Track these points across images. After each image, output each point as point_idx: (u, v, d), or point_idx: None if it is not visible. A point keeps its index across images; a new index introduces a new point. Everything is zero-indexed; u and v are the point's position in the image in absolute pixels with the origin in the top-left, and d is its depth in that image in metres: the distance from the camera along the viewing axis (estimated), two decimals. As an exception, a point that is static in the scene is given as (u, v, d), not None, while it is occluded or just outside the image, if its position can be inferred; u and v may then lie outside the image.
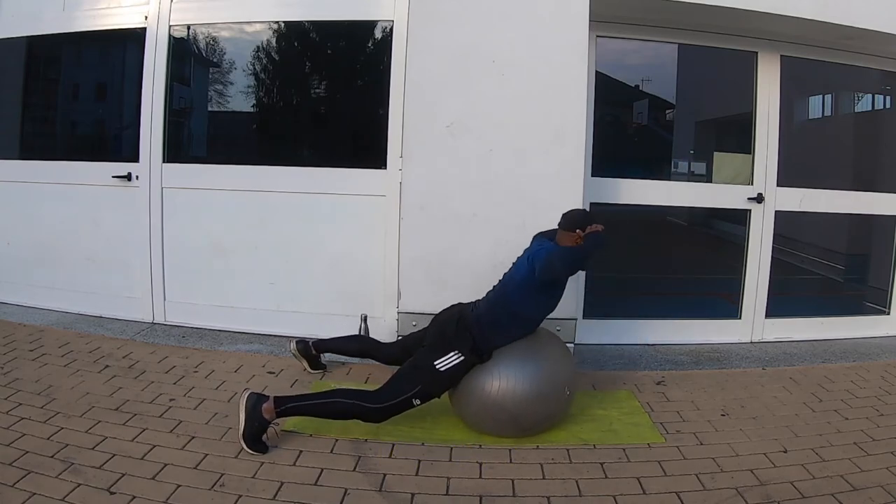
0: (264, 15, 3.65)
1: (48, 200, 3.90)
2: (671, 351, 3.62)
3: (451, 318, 2.60)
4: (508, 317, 2.52)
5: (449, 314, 2.66)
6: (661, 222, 4.39)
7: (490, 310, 2.56)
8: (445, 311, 2.72)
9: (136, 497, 2.01)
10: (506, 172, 3.21)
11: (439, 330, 2.59)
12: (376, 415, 2.44)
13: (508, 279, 2.64)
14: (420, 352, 2.57)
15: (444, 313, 2.70)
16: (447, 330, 2.54)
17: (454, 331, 2.51)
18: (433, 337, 2.59)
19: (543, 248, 2.58)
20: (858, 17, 3.33)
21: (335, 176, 3.56)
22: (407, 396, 2.44)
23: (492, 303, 2.60)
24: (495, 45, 3.17)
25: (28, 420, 2.48)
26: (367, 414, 2.43)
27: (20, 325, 3.66)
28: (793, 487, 2.20)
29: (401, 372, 2.55)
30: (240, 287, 3.69)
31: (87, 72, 4.21)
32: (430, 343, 2.56)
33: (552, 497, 2.13)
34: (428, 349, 2.54)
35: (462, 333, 2.49)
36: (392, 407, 2.44)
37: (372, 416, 2.44)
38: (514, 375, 2.45)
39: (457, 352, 2.46)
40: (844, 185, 4.05)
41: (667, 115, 4.45)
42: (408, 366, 2.55)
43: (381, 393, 2.46)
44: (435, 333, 2.60)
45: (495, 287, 2.69)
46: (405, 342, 2.90)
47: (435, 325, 2.67)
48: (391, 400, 2.44)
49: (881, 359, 3.60)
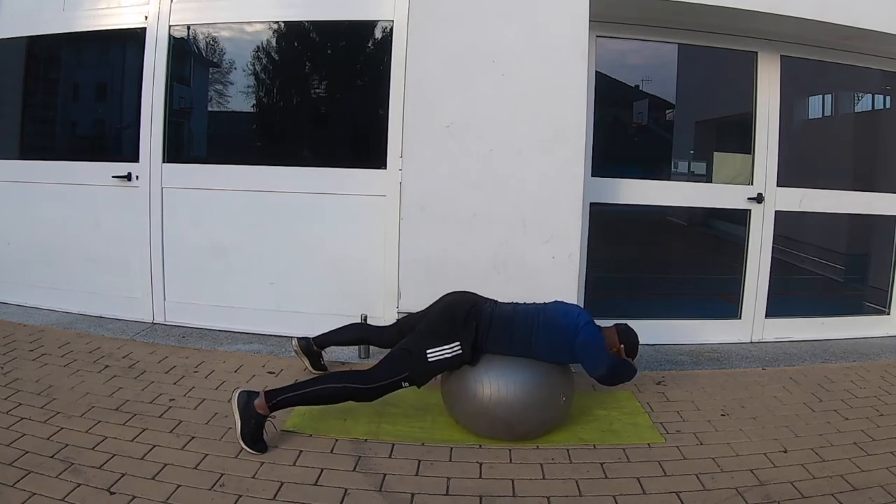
0: (264, 15, 3.65)
1: (48, 200, 3.90)
2: (671, 351, 3.61)
3: (462, 302, 2.58)
4: (524, 337, 2.48)
5: (459, 298, 2.63)
6: (661, 222, 4.39)
7: (512, 319, 2.52)
8: (454, 294, 2.69)
9: (136, 497, 2.01)
10: (506, 172, 3.21)
11: (447, 311, 2.56)
12: (367, 394, 2.47)
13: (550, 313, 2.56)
14: (417, 334, 2.55)
15: (452, 296, 2.68)
16: (457, 313, 2.52)
17: (464, 318, 2.49)
18: (437, 320, 2.56)
19: (599, 335, 2.55)
20: (858, 17, 3.33)
21: (335, 176, 3.57)
22: (396, 379, 2.47)
23: (518, 315, 2.54)
24: (495, 45, 3.17)
25: (28, 420, 2.48)
26: (358, 394, 2.47)
27: (20, 325, 3.65)
28: (793, 487, 2.20)
29: (393, 354, 2.55)
30: (240, 287, 3.70)
31: (87, 72, 4.21)
32: (432, 326, 2.54)
33: (552, 497, 2.13)
34: (426, 333, 2.52)
35: (469, 323, 2.48)
36: (382, 388, 2.47)
37: (363, 395, 2.47)
38: (506, 383, 2.43)
39: (458, 343, 2.45)
40: (844, 185, 4.05)
41: (667, 115, 4.45)
42: (400, 349, 2.55)
43: (371, 374, 2.48)
44: (440, 313, 2.58)
45: (528, 304, 2.64)
46: (401, 325, 2.90)
47: (442, 305, 2.65)
48: (381, 381, 2.46)
49: (881, 359, 3.60)
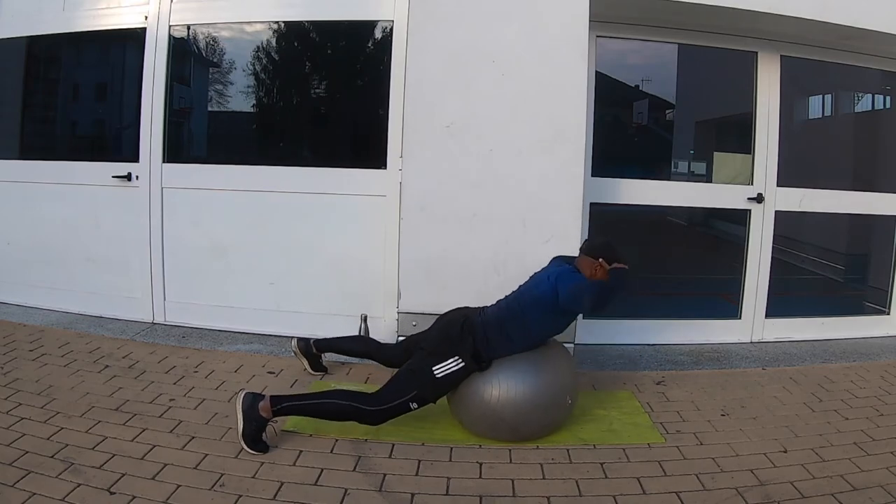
0: (264, 15, 3.65)
1: (48, 200, 3.90)
2: (671, 351, 3.61)
3: (455, 320, 2.57)
4: (518, 330, 2.49)
5: (453, 316, 2.63)
6: (661, 222, 4.39)
7: (499, 319, 2.53)
8: (450, 313, 2.69)
9: (136, 497, 2.01)
10: (506, 172, 3.21)
11: (443, 332, 2.56)
12: (372, 418, 2.43)
13: (525, 293, 2.60)
14: (419, 355, 2.54)
15: (448, 315, 2.68)
16: (451, 332, 2.51)
17: (458, 334, 2.49)
18: (435, 339, 2.56)
19: (572, 277, 2.53)
20: (858, 17, 3.33)
21: (335, 176, 3.56)
22: (404, 400, 2.42)
23: (502, 312, 2.56)
24: (495, 45, 3.17)
25: (28, 420, 2.48)
26: (364, 416, 2.42)
27: (20, 325, 3.65)
28: (793, 487, 2.20)
29: (398, 375, 2.53)
30: (240, 287, 3.69)
31: (87, 72, 4.21)
32: (431, 346, 2.53)
33: (552, 497, 2.13)
34: (428, 353, 2.51)
35: (465, 338, 2.47)
36: (389, 410, 2.43)
37: (368, 418, 2.43)
38: (515, 384, 2.42)
39: (458, 357, 2.44)
40: (844, 185, 4.05)
41: (667, 115, 4.45)
42: (405, 369, 2.53)
43: (378, 396, 2.45)
44: (437, 336, 2.58)
45: (507, 297, 2.65)
46: (406, 344, 2.87)
47: (438, 326, 2.65)
48: (388, 403, 2.42)
49: (881, 359, 3.60)
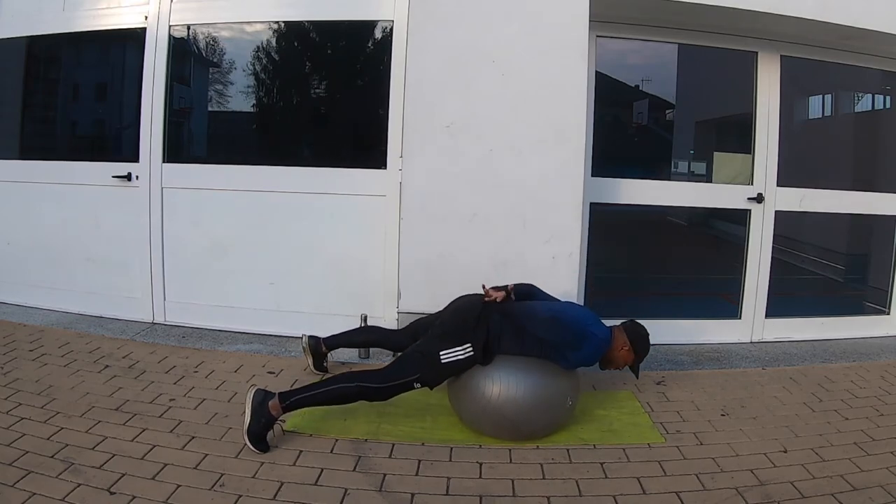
0: (264, 15, 3.65)
1: (48, 200, 3.90)
2: (671, 351, 3.61)
3: (473, 305, 2.60)
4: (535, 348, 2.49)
5: (471, 302, 2.64)
6: (661, 222, 4.39)
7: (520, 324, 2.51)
8: (466, 297, 2.72)
9: (136, 497, 2.01)
10: (506, 172, 3.21)
11: (459, 316, 2.59)
12: (378, 394, 2.50)
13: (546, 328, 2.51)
14: (430, 336, 2.57)
15: (464, 299, 2.71)
16: (468, 318, 2.53)
17: (475, 322, 2.51)
18: (449, 323, 2.59)
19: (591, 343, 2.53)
20: (858, 17, 3.33)
21: (335, 176, 3.56)
22: (409, 379, 2.49)
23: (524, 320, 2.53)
24: (495, 45, 3.17)
25: (28, 420, 2.48)
26: (371, 393, 2.49)
27: (20, 325, 3.65)
28: (793, 487, 2.20)
29: (407, 354, 2.59)
30: (240, 287, 3.69)
31: (87, 72, 4.21)
32: (445, 329, 2.56)
33: (552, 497, 2.13)
34: (439, 336, 2.54)
35: (480, 327, 2.49)
36: (394, 387, 2.49)
37: (375, 395, 2.49)
38: (516, 383, 2.43)
39: (470, 345, 2.47)
40: (844, 185, 4.05)
41: (667, 115, 4.45)
42: (414, 350, 2.57)
43: (383, 374, 2.50)
44: (452, 319, 2.60)
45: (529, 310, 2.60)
46: (414, 329, 2.90)
47: (454, 310, 2.68)
48: (394, 381, 2.48)
49: (881, 359, 3.60)
